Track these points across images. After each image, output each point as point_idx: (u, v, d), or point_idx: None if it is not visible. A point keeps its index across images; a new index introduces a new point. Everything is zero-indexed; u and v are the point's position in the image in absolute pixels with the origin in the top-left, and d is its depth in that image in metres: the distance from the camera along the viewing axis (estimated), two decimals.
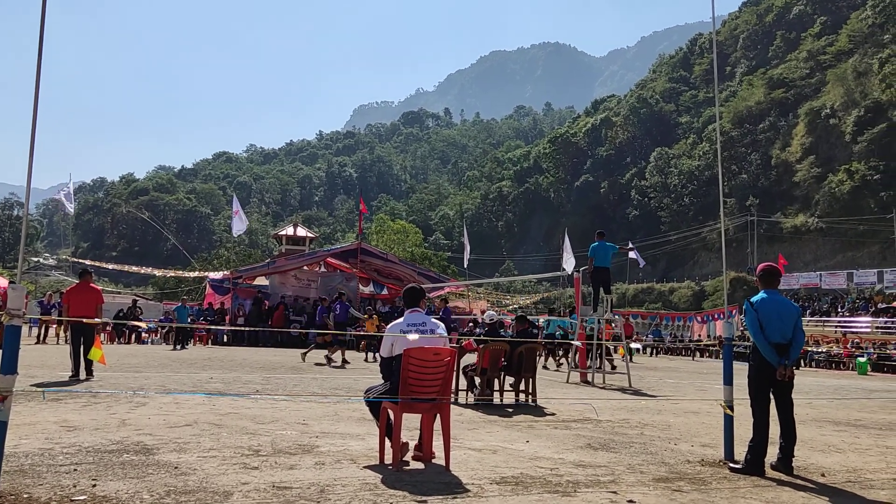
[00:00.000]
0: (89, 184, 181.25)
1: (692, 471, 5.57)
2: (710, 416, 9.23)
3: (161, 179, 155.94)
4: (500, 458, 5.74)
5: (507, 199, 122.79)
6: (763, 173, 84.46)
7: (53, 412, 7.19)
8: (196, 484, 4.40)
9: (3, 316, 4.06)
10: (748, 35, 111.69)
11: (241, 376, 12.53)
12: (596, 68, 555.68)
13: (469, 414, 8.57)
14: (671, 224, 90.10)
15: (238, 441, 5.97)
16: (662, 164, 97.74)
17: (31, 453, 5.11)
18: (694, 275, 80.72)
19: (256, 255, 74.39)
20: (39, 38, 4.31)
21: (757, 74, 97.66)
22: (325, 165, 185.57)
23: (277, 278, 30.12)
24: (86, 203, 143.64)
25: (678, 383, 15.84)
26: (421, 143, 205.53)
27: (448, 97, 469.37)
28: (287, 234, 39.95)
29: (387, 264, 32.23)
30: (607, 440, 6.91)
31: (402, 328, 5.54)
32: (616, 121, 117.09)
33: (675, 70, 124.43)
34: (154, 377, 11.68)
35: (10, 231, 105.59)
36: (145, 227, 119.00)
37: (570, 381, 14.52)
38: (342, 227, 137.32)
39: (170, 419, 7.04)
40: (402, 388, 5.22)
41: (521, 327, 11.12)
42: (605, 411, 9.31)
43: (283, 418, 7.48)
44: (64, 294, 12.56)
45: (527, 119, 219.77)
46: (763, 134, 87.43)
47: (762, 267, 6.08)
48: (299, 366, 15.86)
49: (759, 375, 5.67)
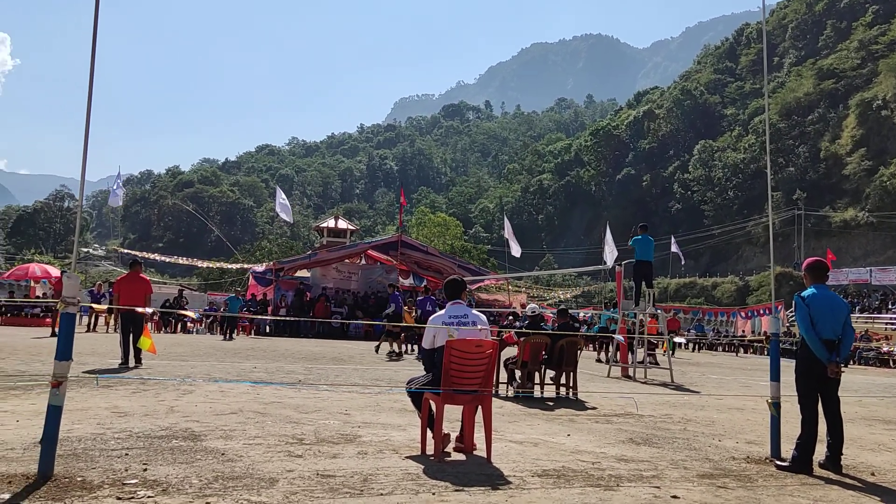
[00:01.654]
0: (137, 176, 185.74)
1: (737, 468, 5.47)
2: (755, 413, 9.05)
3: (205, 172, 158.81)
4: (542, 450, 5.73)
5: (547, 192, 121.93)
6: (811, 166, 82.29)
7: (104, 398, 7.40)
8: (242, 470, 4.49)
9: (58, 304, 4.19)
10: (797, 24, 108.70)
11: (283, 366, 12.72)
12: (639, 60, 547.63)
13: (509, 407, 8.57)
14: (715, 218, 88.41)
15: (282, 429, 6.07)
16: (706, 156, 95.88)
17: (84, 438, 5.27)
18: (738, 269, 79.12)
19: (298, 247, 75.33)
20: (93, 37, 4.41)
21: (806, 65, 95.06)
22: (366, 158, 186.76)
23: (319, 270, 30.43)
24: (133, 195, 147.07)
25: (721, 379, 15.56)
26: (461, 135, 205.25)
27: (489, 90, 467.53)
28: (328, 227, 40.32)
29: (427, 257, 32.30)
30: (649, 435, 6.84)
31: (444, 320, 5.56)
32: (659, 113, 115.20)
33: (721, 61, 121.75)
34: (199, 366, 11.93)
35: (61, 222, 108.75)
36: (190, 218, 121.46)
37: (611, 375, 14.39)
38: (382, 219, 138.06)
39: (216, 407, 7.19)
40: (444, 379, 5.24)
41: (563, 321, 11.04)
42: (647, 406, 9.20)
43: (326, 408, 7.58)
44: (114, 284, 12.88)
45: (568, 111, 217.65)
46: (812, 126, 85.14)
47: (810, 261, 5.93)
48: (340, 356, 16.03)
49: (807, 372, 5.54)
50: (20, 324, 23.45)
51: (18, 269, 29.42)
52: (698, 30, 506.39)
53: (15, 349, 13.13)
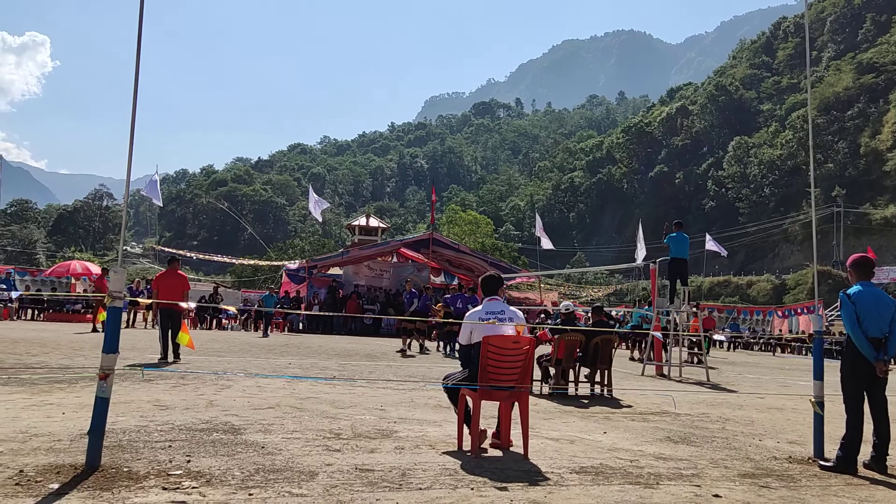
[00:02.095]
0: (172, 175, 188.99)
1: (779, 467, 5.38)
2: (796, 413, 8.89)
3: (239, 171, 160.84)
4: (578, 448, 5.70)
5: (578, 190, 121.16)
6: (851, 162, 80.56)
7: (146, 392, 7.55)
8: (282, 463, 4.55)
9: (105, 298, 4.28)
10: (836, 18, 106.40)
11: (317, 362, 12.84)
12: (672, 56, 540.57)
13: (544, 404, 8.53)
14: (750, 215, 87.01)
15: (319, 424, 6.12)
16: (741, 153, 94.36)
17: (129, 430, 5.38)
18: (774, 268, 77.77)
19: (329, 245, 75.99)
20: (137, 43, 4.49)
21: (845, 59, 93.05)
22: (397, 157, 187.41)
23: (351, 268, 30.65)
24: (169, 194, 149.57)
25: (759, 379, 15.31)
26: (492, 133, 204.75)
27: (519, 87, 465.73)
28: (359, 225, 40.63)
29: (458, 255, 32.33)
30: (687, 434, 6.76)
31: (481, 316, 5.56)
32: (693, 109, 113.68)
33: (757, 55, 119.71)
34: (236, 361, 12.10)
35: (100, 220, 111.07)
36: (224, 217, 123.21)
37: (646, 373, 14.25)
38: (413, 217, 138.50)
39: (253, 401, 7.29)
40: (480, 375, 5.24)
41: (598, 318, 10.97)
42: (684, 405, 9.09)
43: (361, 403, 7.63)
44: (153, 280, 13.14)
45: (599, 109, 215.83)
46: (851, 121, 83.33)
47: (856, 258, 5.79)
48: (373, 353, 16.12)
49: (853, 371, 5.43)
50: (62, 319, 24.03)
51: (60, 267, 30.17)
52: (733, 24, 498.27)
53: (58, 344, 13.46)
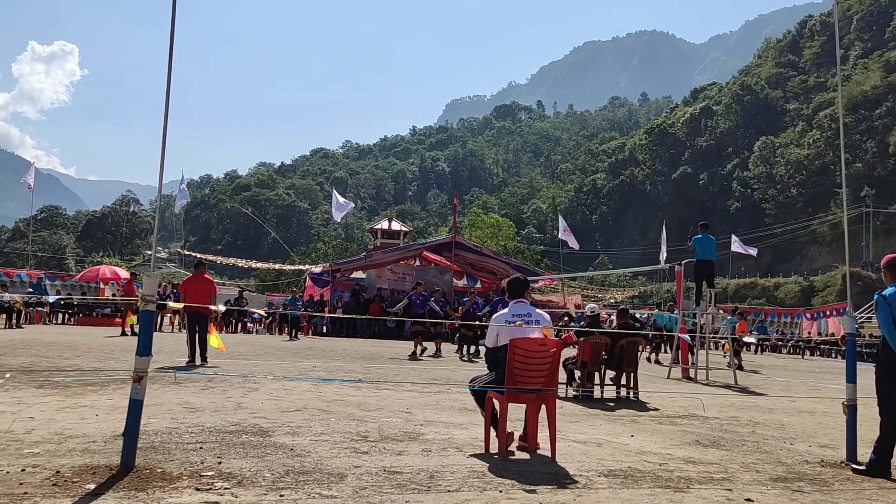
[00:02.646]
0: (197, 181, 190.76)
1: (812, 471, 5.32)
2: (827, 416, 8.76)
3: (262, 176, 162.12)
4: (606, 451, 5.67)
5: (601, 192, 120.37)
6: (880, 162, 79.13)
7: (176, 394, 7.65)
8: (312, 465, 4.59)
9: (139, 302, 4.35)
10: (863, 16, 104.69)
11: (342, 365, 12.91)
12: (695, 56, 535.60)
13: (569, 407, 8.50)
14: (776, 216, 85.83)
15: (346, 427, 6.16)
16: (767, 153, 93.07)
17: (160, 431, 5.47)
18: (802, 269, 76.63)
19: (352, 249, 76.26)
20: (169, 53, 4.56)
21: (873, 57, 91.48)
22: (419, 160, 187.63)
23: (374, 272, 30.75)
24: (194, 199, 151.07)
25: (788, 382, 15.11)
26: (513, 136, 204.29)
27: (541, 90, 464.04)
28: (382, 228, 40.72)
29: (480, 258, 32.31)
30: (717, 437, 6.69)
31: (508, 318, 5.56)
32: (717, 109, 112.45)
33: (783, 54, 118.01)
34: (262, 364, 12.21)
35: (127, 226, 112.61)
36: (248, 221, 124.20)
37: (672, 376, 14.13)
38: (435, 220, 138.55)
39: (281, 404, 7.35)
40: (507, 377, 5.24)
41: (623, 321, 10.90)
42: (712, 408, 9.01)
43: (387, 406, 7.66)
44: (181, 284, 13.31)
45: (622, 110, 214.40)
46: (880, 120, 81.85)
47: (890, 258, 5.69)
48: (397, 356, 16.16)
49: (889, 373, 5.33)
50: (92, 323, 24.41)
51: (90, 272, 30.65)
52: (758, 23, 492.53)
53: (89, 347, 13.68)
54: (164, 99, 4.54)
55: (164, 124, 4.51)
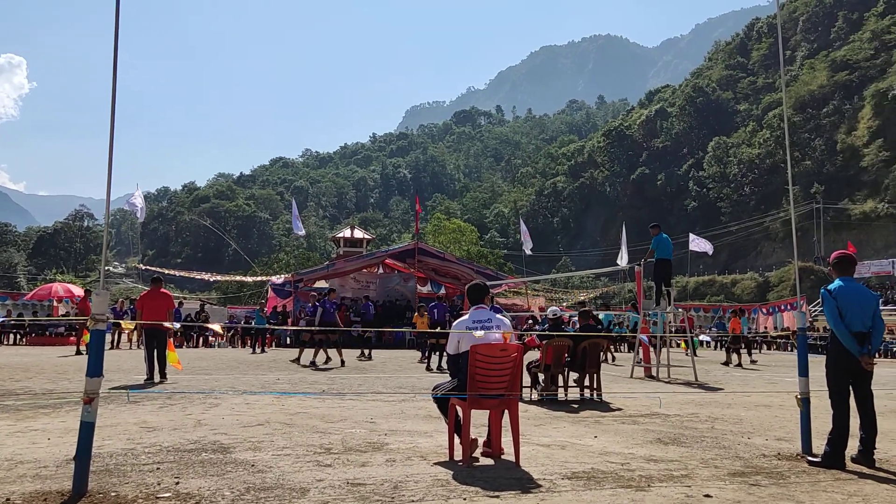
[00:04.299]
0: (154, 193, 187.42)
1: (769, 465, 5.42)
2: (783, 410, 8.96)
3: (221, 187, 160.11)
4: (570, 453, 5.70)
5: (562, 195, 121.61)
6: (828, 159, 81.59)
7: (132, 414, 7.47)
8: (273, 481, 4.51)
9: (88, 321, 4.24)
10: (808, 17, 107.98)
11: (306, 377, 12.78)
12: (649, 59, 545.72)
13: (534, 410, 8.54)
14: (732, 215, 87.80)
15: (309, 439, 6.09)
16: (721, 153, 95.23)
17: (115, 453, 5.32)
18: (757, 266, 78.45)
19: (315, 258, 75.68)
20: (114, 62, 4.47)
21: (819, 57, 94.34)
22: (380, 167, 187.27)
23: (337, 281, 30.54)
24: (151, 212, 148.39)
25: (746, 376, 15.42)
26: (474, 141, 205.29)
27: (499, 94, 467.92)
28: (344, 237, 40.51)
29: (444, 263, 32.32)
30: (677, 435, 6.79)
31: (468, 325, 5.56)
32: (671, 111, 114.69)
33: (732, 56, 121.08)
34: (223, 379, 12.01)
35: (81, 241, 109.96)
36: (208, 233, 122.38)
37: (634, 375, 14.31)
38: (398, 227, 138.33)
39: (242, 419, 7.24)
40: (469, 384, 5.23)
41: (585, 322, 11.00)
42: (673, 406, 9.14)
43: (352, 417, 7.60)
44: (137, 300, 13.03)
45: (579, 113, 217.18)
46: (827, 118, 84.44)
47: (837, 255, 5.87)
48: (361, 365, 16.07)
49: (838, 366, 5.48)
50: (45, 343, 23.75)
51: (42, 290, 29.82)
52: (708, 26, 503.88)
53: (42, 368, 13.30)
54: (110, 111, 4.44)
55: (110, 136, 4.41)
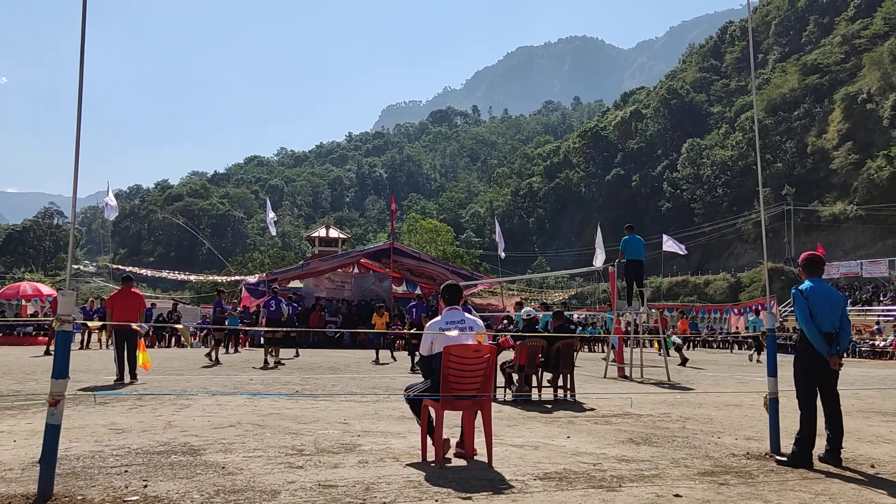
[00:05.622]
0: (125, 191, 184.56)
1: (738, 464, 5.49)
2: (753, 409, 9.09)
3: (195, 185, 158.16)
4: (542, 453, 5.72)
5: (537, 195, 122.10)
6: (799, 161, 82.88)
7: (101, 415, 7.35)
8: (244, 483, 4.47)
9: (54, 322, 4.16)
10: (780, 21, 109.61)
11: (279, 377, 12.68)
12: (624, 60, 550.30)
13: (508, 411, 8.56)
14: (705, 216, 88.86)
15: (281, 441, 6.04)
16: (694, 155, 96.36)
17: (83, 456, 5.23)
18: (729, 266, 79.50)
19: (290, 258, 75.08)
20: (80, 54, 4.40)
21: (790, 61, 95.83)
22: (356, 167, 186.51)
23: (312, 280, 30.37)
24: (123, 210, 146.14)
25: (717, 376, 15.62)
26: (450, 141, 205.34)
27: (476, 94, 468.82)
28: (319, 236, 40.29)
29: (419, 263, 32.28)
30: (649, 434, 6.85)
31: (441, 326, 5.55)
32: (646, 113, 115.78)
33: (706, 59, 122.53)
34: (195, 379, 11.88)
35: (51, 240, 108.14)
36: (181, 232, 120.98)
37: (608, 376, 14.42)
38: (373, 227, 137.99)
39: (214, 420, 7.16)
40: (442, 385, 5.23)
41: (559, 322, 11.05)
42: (645, 406, 9.22)
43: (324, 418, 7.56)
44: (107, 300, 12.84)
45: (555, 114, 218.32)
46: (798, 121, 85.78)
47: (806, 256, 5.96)
48: (336, 366, 15.99)
49: (807, 366, 5.56)
50: (13, 343, 23.30)
51: (9, 289, 29.23)
52: (682, 29, 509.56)
53: (9, 369, 13.04)
54: (77, 106, 4.36)
55: (77, 132, 4.33)
